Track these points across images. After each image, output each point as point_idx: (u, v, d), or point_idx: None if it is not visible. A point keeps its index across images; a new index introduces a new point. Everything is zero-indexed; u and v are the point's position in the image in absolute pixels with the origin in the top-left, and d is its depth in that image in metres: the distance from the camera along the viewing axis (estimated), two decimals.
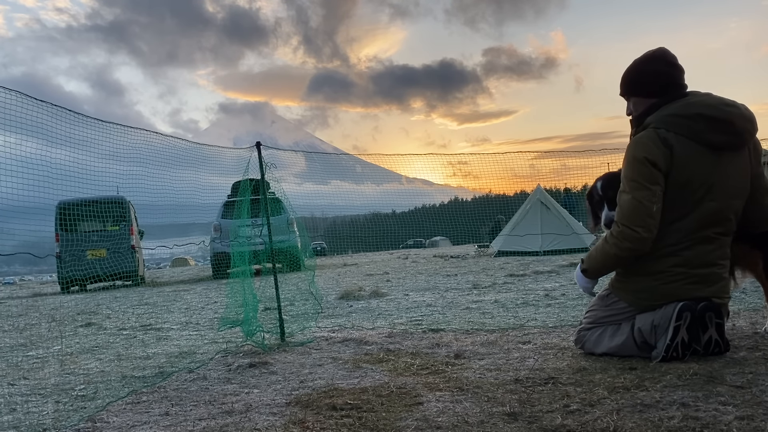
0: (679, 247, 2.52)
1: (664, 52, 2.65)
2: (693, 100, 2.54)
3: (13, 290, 16.35)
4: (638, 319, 2.58)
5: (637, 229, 2.49)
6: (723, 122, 2.48)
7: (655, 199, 2.48)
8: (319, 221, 14.02)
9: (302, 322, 4.36)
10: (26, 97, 2.91)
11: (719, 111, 2.49)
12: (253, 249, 4.06)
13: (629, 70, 2.70)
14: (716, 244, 2.54)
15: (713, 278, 2.54)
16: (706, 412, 1.79)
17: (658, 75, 2.61)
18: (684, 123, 2.50)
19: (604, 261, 2.67)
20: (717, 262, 2.55)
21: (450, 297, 5.67)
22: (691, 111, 2.50)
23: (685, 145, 2.48)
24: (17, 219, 3.65)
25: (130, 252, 12.19)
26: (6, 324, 6.16)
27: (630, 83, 2.70)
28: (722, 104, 2.51)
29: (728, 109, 2.50)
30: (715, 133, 2.48)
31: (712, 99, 2.54)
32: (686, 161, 2.48)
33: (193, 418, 2.16)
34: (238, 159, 4.29)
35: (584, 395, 2.07)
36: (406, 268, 11.46)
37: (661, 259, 2.54)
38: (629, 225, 2.51)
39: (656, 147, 2.49)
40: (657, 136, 2.50)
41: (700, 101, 2.53)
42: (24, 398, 2.66)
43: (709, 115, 2.48)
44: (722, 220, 2.53)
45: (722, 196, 2.50)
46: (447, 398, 2.18)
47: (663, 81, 2.61)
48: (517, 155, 9.18)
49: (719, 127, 2.48)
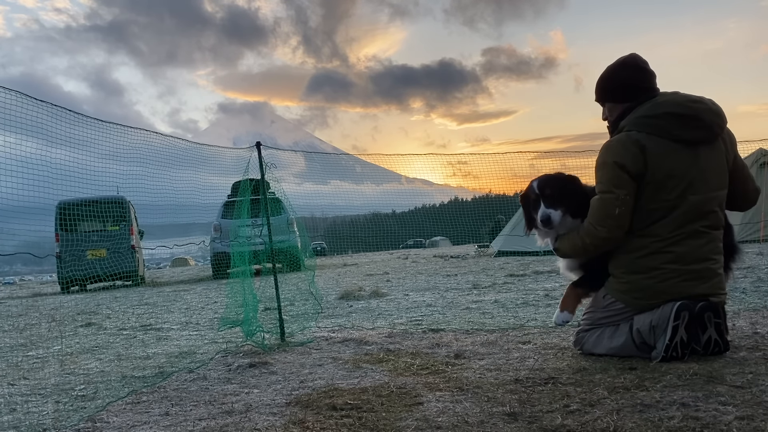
0: (668, 243, 2.55)
1: (635, 57, 2.76)
2: (661, 100, 2.63)
3: (13, 290, 16.36)
4: (636, 320, 2.58)
5: (599, 228, 2.63)
6: (691, 118, 2.56)
7: (618, 203, 2.57)
8: (319, 221, 14.02)
9: (302, 322, 4.36)
10: (26, 97, 2.91)
11: (686, 108, 2.57)
12: (253, 249, 4.06)
13: (602, 78, 2.82)
14: (706, 238, 2.57)
15: (708, 274, 2.56)
16: (706, 412, 1.79)
17: (629, 80, 2.71)
18: (654, 122, 2.58)
19: (573, 248, 2.79)
20: (710, 256, 2.58)
21: (450, 297, 5.66)
22: (659, 110, 2.59)
23: (658, 144, 2.56)
24: (17, 219, 3.65)
25: (130, 252, 12.20)
26: (6, 324, 6.17)
27: (603, 90, 2.82)
28: (689, 101, 2.59)
29: (695, 105, 2.58)
30: (685, 129, 2.56)
31: (679, 97, 2.62)
32: (661, 159, 2.54)
33: (193, 418, 2.16)
34: (237, 159, 4.30)
35: (584, 395, 2.07)
36: (406, 268, 11.46)
37: (652, 256, 2.57)
38: (593, 223, 2.65)
39: (625, 150, 2.57)
40: (628, 139, 2.59)
41: (667, 100, 2.62)
42: (24, 398, 2.66)
43: (677, 113, 2.56)
44: (707, 213, 2.57)
45: (703, 189, 2.56)
46: (447, 398, 2.18)
47: (633, 86, 2.70)
48: (517, 155, 9.18)
49: (688, 123, 2.56)
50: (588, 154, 9.87)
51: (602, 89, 2.81)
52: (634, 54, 2.78)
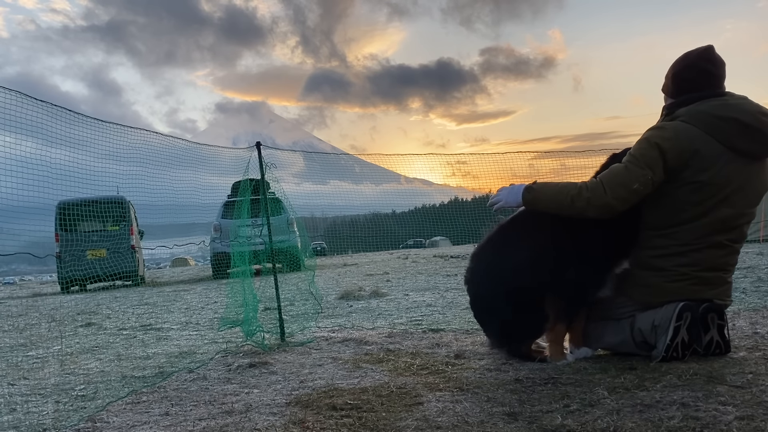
0: (688, 248, 2.49)
1: (712, 49, 2.57)
2: (731, 101, 2.48)
3: (13, 290, 16.35)
4: (638, 319, 2.57)
5: (607, 190, 2.45)
6: (756, 131, 2.42)
7: (640, 179, 2.43)
8: (319, 221, 14.01)
9: (302, 322, 4.36)
10: (25, 96, 2.91)
11: (755, 119, 2.43)
12: (253, 249, 4.06)
13: (677, 65, 2.61)
14: (727, 250, 2.51)
15: (717, 281, 2.53)
16: (706, 412, 1.79)
17: (705, 72, 2.53)
18: (717, 124, 2.44)
19: (556, 195, 2.53)
20: (724, 267, 2.54)
21: (450, 297, 5.66)
22: (727, 113, 2.44)
23: (711, 146, 2.43)
24: (17, 219, 3.65)
25: (130, 252, 12.18)
26: (6, 324, 6.16)
27: (677, 78, 2.60)
28: (759, 113, 2.45)
29: (764, 119, 2.44)
30: (746, 140, 2.43)
31: (750, 105, 2.47)
32: (708, 163, 2.42)
33: (193, 418, 2.16)
34: (237, 159, 4.29)
35: (584, 395, 2.07)
36: (406, 268, 11.46)
37: (669, 258, 2.51)
38: (604, 183, 2.47)
39: (676, 139, 2.44)
40: (684, 131, 2.45)
41: (737, 104, 2.46)
42: (24, 398, 2.66)
43: (745, 122, 2.42)
44: (735, 228, 2.50)
45: (739, 204, 2.47)
46: (447, 398, 2.17)
47: (708, 77, 2.52)
48: (517, 155, 9.16)
49: (752, 135, 2.42)
50: (587, 154, 9.86)
51: (674, 75, 2.61)
52: (710, 46, 2.58)
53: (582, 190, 2.49)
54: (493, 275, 2.71)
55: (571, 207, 2.50)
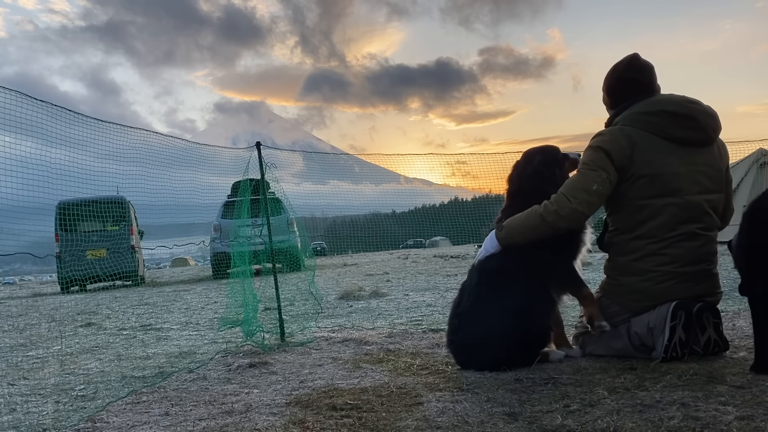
0: (663, 245, 2.54)
1: (636, 57, 2.76)
2: (659, 98, 2.65)
3: (13, 290, 16.35)
4: (634, 323, 2.58)
5: (570, 198, 2.55)
6: (686, 117, 2.56)
7: (597, 180, 2.54)
8: (319, 221, 14.01)
9: (302, 322, 4.36)
10: (24, 96, 2.91)
11: (682, 107, 2.58)
12: (253, 249, 4.06)
13: (606, 77, 2.82)
14: (702, 240, 2.57)
15: (703, 275, 2.57)
16: (706, 412, 1.79)
17: (630, 79, 2.72)
18: (648, 119, 2.59)
19: (525, 224, 2.60)
20: (705, 258, 2.58)
21: (450, 297, 5.66)
22: (654, 108, 2.60)
23: (649, 141, 2.56)
24: (17, 219, 3.65)
25: (130, 252, 12.18)
26: (6, 324, 6.16)
27: (608, 90, 2.82)
28: (685, 101, 2.61)
29: (691, 105, 2.59)
30: (679, 128, 2.56)
31: (676, 97, 2.64)
32: (651, 157, 2.55)
33: (193, 418, 2.16)
34: (237, 159, 4.30)
35: (584, 395, 2.07)
36: (406, 268, 11.46)
37: (647, 258, 2.56)
38: (565, 193, 2.57)
39: (614, 140, 2.58)
40: (619, 132, 2.60)
41: (664, 99, 2.64)
42: (24, 398, 2.66)
43: (673, 111, 2.57)
44: (701, 215, 2.56)
45: (695, 189, 2.55)
46: (447, 398, 2.17)
47: (634, 85, 2.70)
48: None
49: (683, 122, 2.56)
50: None
51: (607, 89, 2.82)
52: (635, 54, 2.79)
53: (547, 206, 2.58)
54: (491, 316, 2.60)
55: (543, 224, 2.57)
